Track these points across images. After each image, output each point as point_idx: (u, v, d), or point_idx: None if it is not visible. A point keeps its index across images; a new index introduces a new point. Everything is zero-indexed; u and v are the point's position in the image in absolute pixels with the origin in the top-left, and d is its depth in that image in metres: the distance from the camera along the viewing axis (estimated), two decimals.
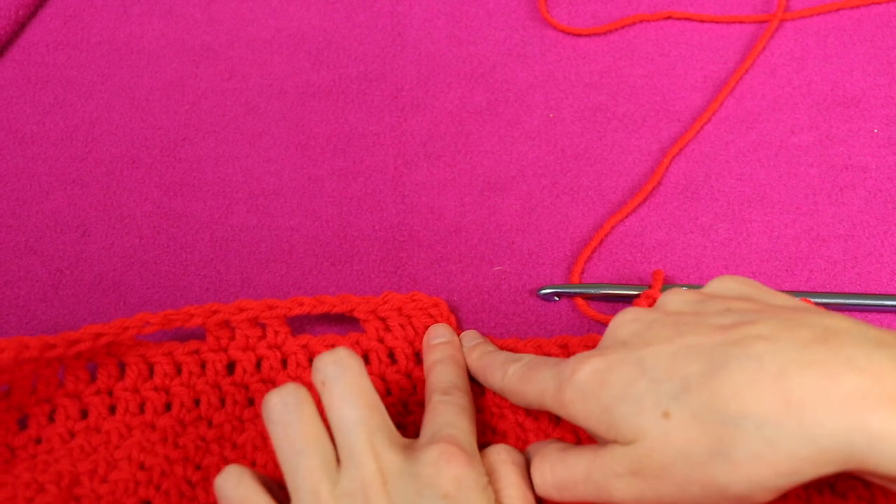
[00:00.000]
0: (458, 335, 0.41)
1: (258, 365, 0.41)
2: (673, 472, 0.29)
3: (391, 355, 0.41)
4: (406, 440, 0.34)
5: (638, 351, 0.31)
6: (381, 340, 0.41)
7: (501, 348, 0.40)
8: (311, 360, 0.41)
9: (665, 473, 0.29)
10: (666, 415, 0.29)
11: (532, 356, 0.37)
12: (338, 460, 0.33)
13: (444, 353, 0.40)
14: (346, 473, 0.32)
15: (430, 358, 0.40)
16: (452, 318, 0.42)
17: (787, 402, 0.27)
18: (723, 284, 0.35)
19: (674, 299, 0.35)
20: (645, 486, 0.30)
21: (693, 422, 0.28)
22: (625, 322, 0.34)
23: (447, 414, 0.35)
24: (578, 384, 0.32)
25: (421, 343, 0.41)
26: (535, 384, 0.34)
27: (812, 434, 0.27)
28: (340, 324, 0.43)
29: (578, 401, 0.32)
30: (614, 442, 0.31)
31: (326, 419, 0.34)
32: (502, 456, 0.35)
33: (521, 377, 0.35)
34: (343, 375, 0.34)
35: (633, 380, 0.30)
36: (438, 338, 0.40)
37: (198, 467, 0.38)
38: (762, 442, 0.27)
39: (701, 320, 0.32)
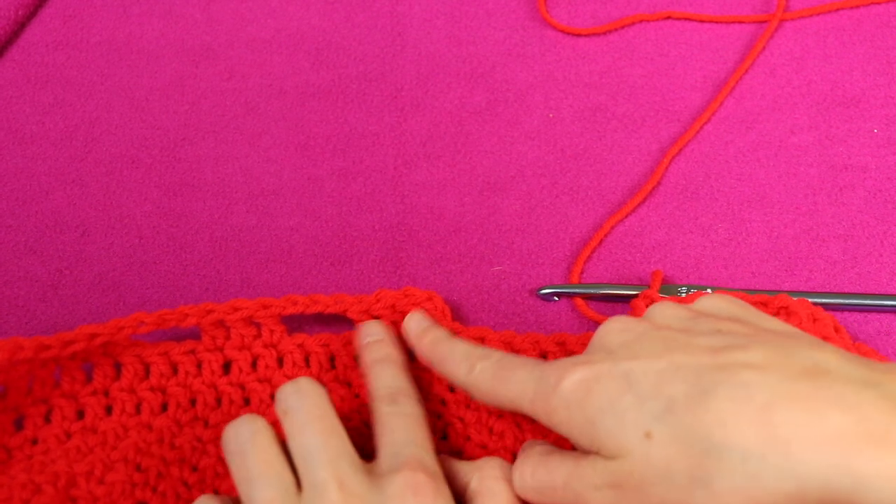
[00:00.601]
0: (443, 327, 0.40)
1: (254, 364, 0.41)
2: (651, 492, 0.29)
3: None
4: (368, 464, 0.33)
5: (625, 363, 0.31)
6: None
7: (498, 340, 0.40)
8: (306, 360, 0.41)
9: (643, 492, 0.29)
10: (648, 435, 0.29)
11: (501, 353, 0.36)
12: (299, 489, 0.32)
13: (378, 352, 0.38)
14: (308, 502, 0.31)
15: (365, 358, 0.38)
16: (447, 311, 0.41)
17: (773, 437, 0.27)
18: (713, 303, 0.35)
19: (664, 313, 0.34)
20: (623, 501, 0.30)
21: (675, 445, 0.28)
22: (613, 331, 0.33)
23: (401, 430, 0.34)
24: (564, 393, 0.31)
25: None
26: (512, 385, 0.33)
27: (796, 471, 0.26)
28: (336, 323, 0.43)
29: (563, 409, 0.31)
30: (596, 454, 0.31)
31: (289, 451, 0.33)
32: (496, 473, 0.34)
33: (494, 376, 0.34)
34: (303, 404, 0.33)
35: (618, 394, 0.30)
36: (370, 336, 0.39)
37: (194, 469, 0.38)
38: (744, 475, 0.27)
39: (691, 339, 0.31)
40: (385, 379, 0.37)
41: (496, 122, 0.49)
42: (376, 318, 0.41)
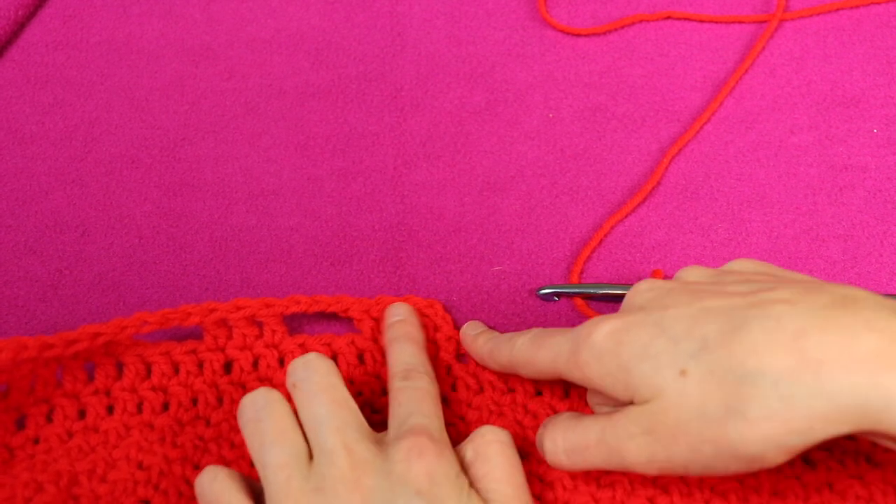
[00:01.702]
0: (456, 333, 0.41)
1: (255, 364, 0.41)
2: (687, 429, 0.29)
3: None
4: (377, 434, 0.34)
5: (656, 313, 0.31)
6: (375, 341, 0.41)
7: None
8: None
9: (679, 432, 0.29)
10: (683, 373, 0.29)
11: (539, 328, 0.37)
12: (310, 457, 0.33)
13: (399, 331, 0.40)
14: (318, 469, 0.32)
15: (386, 337, 0.40)
16: (448, 318, 0.42)
17: (805, 360, 0.27)
18: (739, 264, 0.35)
19: (692, 273, 0.35)
20: (658, 446, 0.30)
21: (710, 379, 0.29)
22: (642, 290, 0.34)
23: (410, 402, 0.35)
24: (595, 344, 0.32)
25: None
26: (548, 350, 0.34)
27: (828, 391, 0.27)
28: (337, 324, 0.43)
29: (594, 361, 0.32)
30: (630, 403, 0.31)
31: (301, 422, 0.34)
32: (487, 437, 0.35)
33: (532, 344, 0.35)
34: (312, 376, 0.34)
35: (651, 339, 0.30)
36: (395, 316, 0.40)
37: (196, 467, 0.38)
38: (778, 398, 0.27)
39: (719, 287, 0.32)
40: (402, 356, 0.38)
41: (496, 122, 0.49)
42: (376, 319, 0.41)
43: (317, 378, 0.34)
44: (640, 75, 0.51)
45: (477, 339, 0.40)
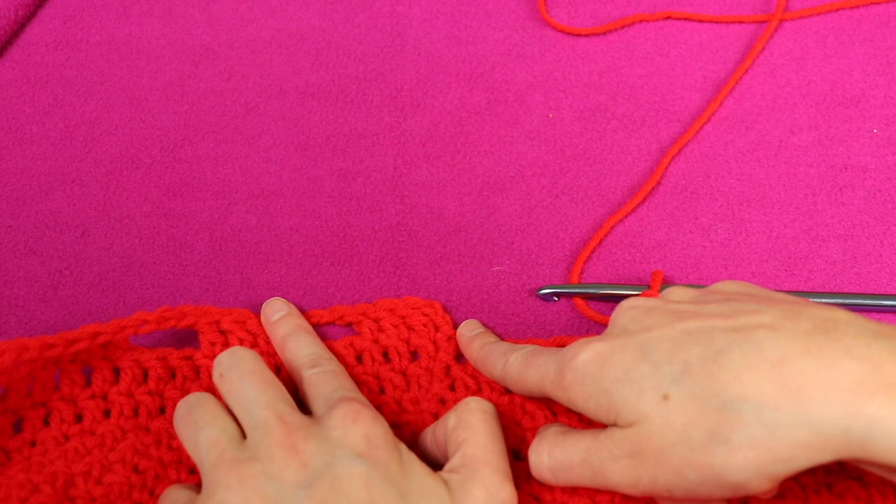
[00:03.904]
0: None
1: None
2: (671, 454, 0.29)
3: (385, 354, 0.41)
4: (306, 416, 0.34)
5: (639, 335, 0.31)
6: (375, 341, 0.41)
7: None
8: None
9: (663, 456, 0.29)
10: (666, 397, 0.29)
11: (534, 346, 0.37)
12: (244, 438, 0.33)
13: (289, 325, 0.40)
14: (252, 441, 0.32)
15: (277, 334, 0.40)
16: (448, 319, 0.42)
17: (787, 388, 0.27)
18: (723, 284, 0.35)
19: (675, 291, 0.35)
20: (642, 470, 0.30)
21: (693, 404, 0.29)
22: (625, 309, 0.34)
23: (329, 382, 0.36)
24: (579, 368, 0.32)
25: (417, 341, 0.41)
26: (536, 369, 0.34)
27: (810, 420, 0.27)
28: (336, 328, 0.43)
29: (578, 384, 0.32)
30: (614, 425, 0.31)
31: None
32: (471, 406, 0.35)
33: (522, 363, 0.35)
34: (238, 363, 0.35)
35: (634, 363, 0.31)
36: (277, 313, 0.41)
37: (192, 471, 0.38)
38: (761, 427, 0.27)
39: (701, 308, 0.32)
40: (303, 348, 0.38)
41: (496, 122, 0.49)
42: (376, 320, 0.41)
43: (242, 364, 0.35)
44: (640, 75, 0.51)
45: (472, 341, 0.40)
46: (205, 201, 0.47)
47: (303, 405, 0.37)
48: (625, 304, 0.34)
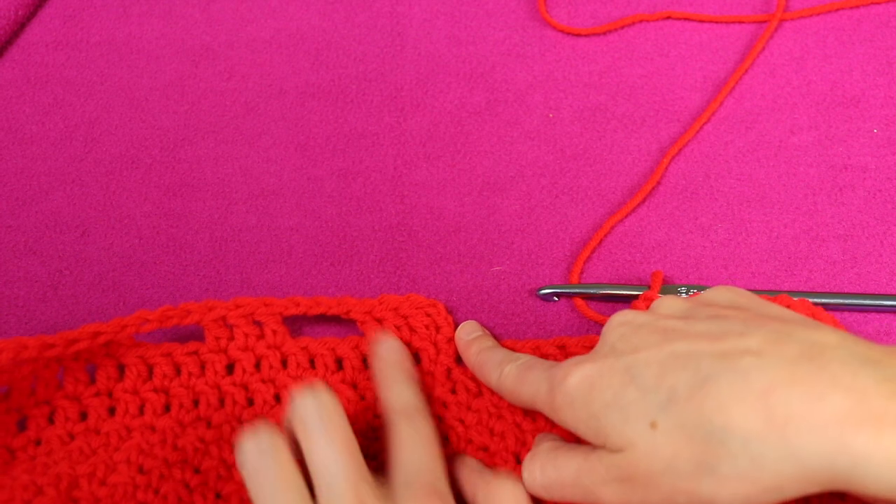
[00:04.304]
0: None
1: (258, 365, 0.41)
2: (660, 481, 0.29)
3: None
4: (381, 487, 0.33)
5: (627, 357, 0.31)
6: None
7: None
8: (311, 362, 0.41)
9: (652, 483, 0.29)
10: (653, 425, 0.29)
11: (529, 357, 0.37)
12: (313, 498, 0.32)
13: (394, 367, 0.39)
14: None
15: (380, 371, 0.39)
16: (450, 320, 0.42)
17: (773, 420, 0.27)
18: (715, 293, 0.35)
19: (665, 303, 0.35)
20: (632, 493, 0.30)
21: (680, 434, 0.29)
22: (615, 325, 0.34)
23: (415, 450, 0.35)
24: (568, 390, 0.32)
25: (418, 342, 0.41)
26: (529, 386, 0.34)
27: (796, 453, 0.27)
28: (338, 325, 0.43)
29: (567, 407, 0.32)
30: (603, 448, 0.31)
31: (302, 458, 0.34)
32: (502, 497, 0.35)
33: (516, 377, 0.36)
34: (324, 418, 0.34)
35: (621, 387, 0.31)
36: (387, 350, 0.40)
37: (196, 471, 0.38)
38: (748, 459, 0.27)
39: (689, 327, 0.32)
40: (401, 395, 0.37)
41: (496, 122, 0.49)
42: (379, 320, 0.41)
43: (331, 424, 0.34)
44: (640, 75, 0.51)
45: (470, 346, 0.40)
46: (205, 201, 0.47)
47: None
48: (615, 319, 0.34)
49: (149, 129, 0.50)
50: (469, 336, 0.40)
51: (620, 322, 0.34)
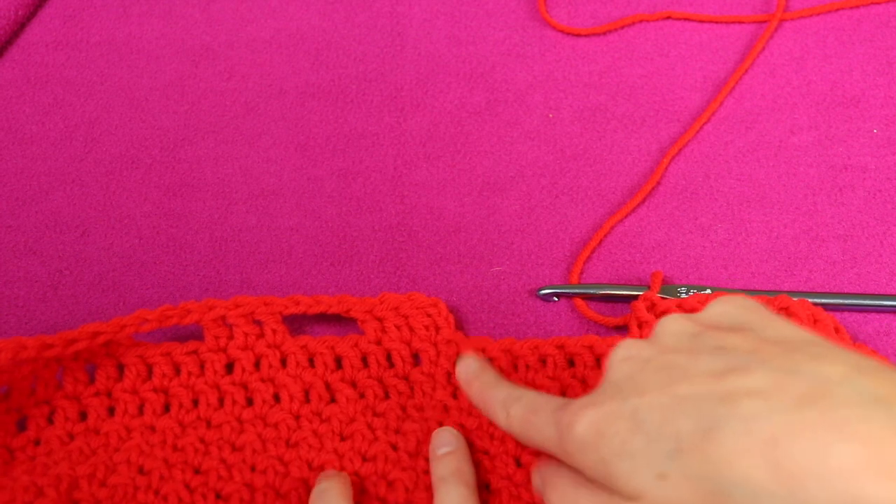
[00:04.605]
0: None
1: (257, 364, 0.41)
2: None
3: (389, 358, 0.41)
4: None
5: (632, 400, 0.31)
6: (378, 342, 0.41)
7: (498, 349, 0.40)
8: (311, 360, 0.41)
9: None
10: (662, 476, 0.29)
11: (532, 395, 0.36)
12: None
13: (448, 466, 0.38)
14: None
15: (435, 472, 0.38)
16: (451, 318, 0.41)
17: (780, 472, 0.26)
18: (721, 310, 0.34)
19: (669, 329, 0.34)
20: None
21: (687, 484, 0.28)
22: (619, 361, 0.33)
23: None
24: (577, 437, 0.31)
25: (418, 343, 0.41)
26: (537, 432, 0.34)
27: None
28: (338, 325, 0.43)
29: (578, 453, 0.32)
30: (618, 495, 0.31)
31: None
32: None
33: (523, 421, 0.35)
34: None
35: (628, 434, 0.30)
36: (443, 447, 0.39)
37: (196, 471, 0.38)
38: None
39: (693, 363, 0.31)
40: (454, 501, 0.37)
41: (496, 122, 0.49)
42: (379, 319, 0.41)
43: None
44: (640, 75, 0.51)
45: (471, 384, 0.39)
46: (205, 201, 0.47)
47: None
48: (618, 353, 0.33)
49: (149, 129, 0.50)
50: (468, 374, 0.39)
51: (624, 357, 0.33)
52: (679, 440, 0.29)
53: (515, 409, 0.35)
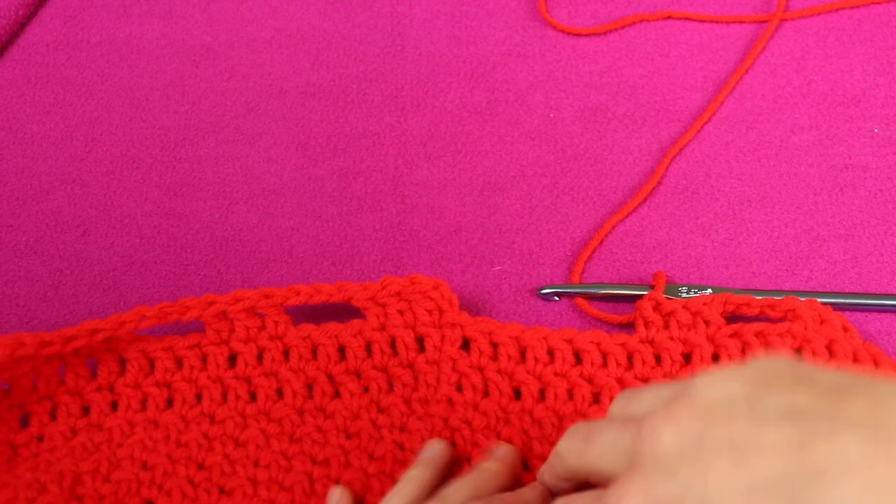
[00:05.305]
0: (462, 314, 0.40)
1: (260, 357, 0.40)
2: None
3: (393, 345, 0.40)
4: None
5: (696, 489, 0.24)
6: (382, 328, 0.40)
7: (505, 334, 0.40)
8: (314, 352, 0.40)
9: None
10: None
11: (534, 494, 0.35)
12: None
13: (412, 471, 0.37)
14: None
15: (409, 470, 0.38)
16: (455, 299, 0.41)
17: None
18: (773, 368, 0.27)
19: (714, 394, 0.26)
20: None
21: None
22: (659, 430, 0.26)
23: None
24: None
25: (422, 328, 0.40)
26: None
27: None
28: (341, 315, 0.42)
29: None
30: None
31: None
32: None
33: None
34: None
35: None
36: (424, 454, 0.38)
37: (200, 467, 0.38)
38: None
39: (761, 433, 0.25)
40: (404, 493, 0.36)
41: (496, 122, 0.49)
42: (382, 305, 0.40)
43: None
44: (640, 75, 0.51)
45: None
46: (205, 201, 0.47)
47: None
48: (654, 426, 0.26)
49: (149, 129, 0.50)
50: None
51: (669, 429, 0.26)
52: None
53: None
